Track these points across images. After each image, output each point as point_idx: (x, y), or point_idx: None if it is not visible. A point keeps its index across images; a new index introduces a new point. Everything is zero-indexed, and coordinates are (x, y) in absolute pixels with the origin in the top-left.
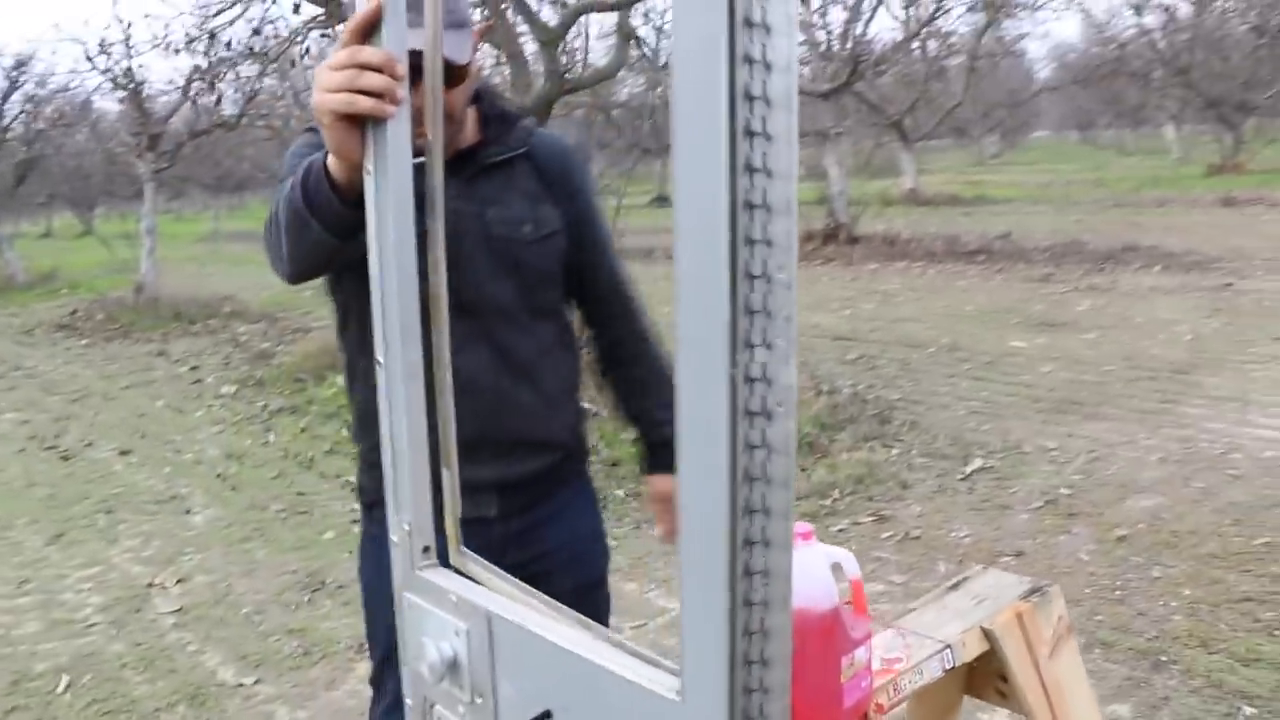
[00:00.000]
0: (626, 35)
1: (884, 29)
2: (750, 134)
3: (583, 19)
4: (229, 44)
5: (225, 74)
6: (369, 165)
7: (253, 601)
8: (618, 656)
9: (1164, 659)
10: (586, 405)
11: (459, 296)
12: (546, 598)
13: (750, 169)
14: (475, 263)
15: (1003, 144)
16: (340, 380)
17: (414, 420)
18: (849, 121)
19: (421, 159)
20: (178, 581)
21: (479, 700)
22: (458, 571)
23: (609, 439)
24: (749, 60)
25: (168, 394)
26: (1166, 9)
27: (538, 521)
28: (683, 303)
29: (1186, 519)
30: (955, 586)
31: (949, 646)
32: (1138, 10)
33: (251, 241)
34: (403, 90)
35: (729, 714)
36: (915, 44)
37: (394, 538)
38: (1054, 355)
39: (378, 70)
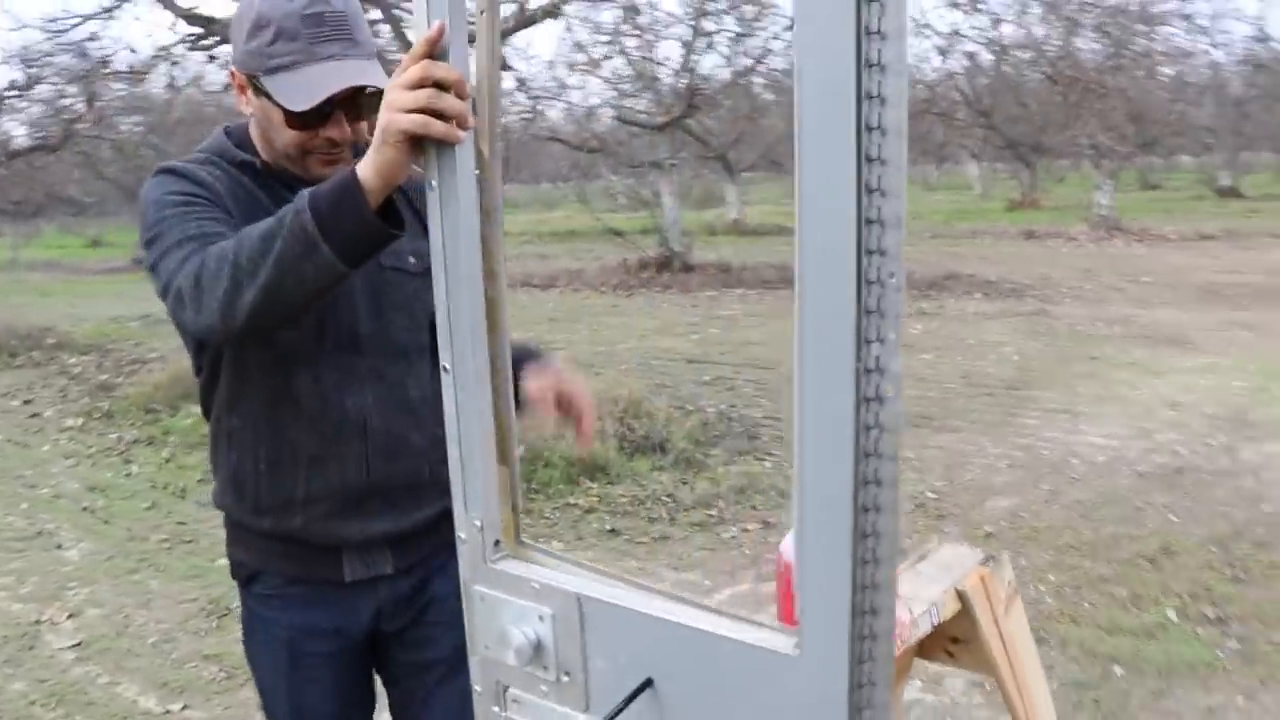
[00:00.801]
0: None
1: (714, 66)
2: (869, 159)
3: None
4: (106, 62)
5: (95, 89)
6: (433, 180)
7: (157, 631)
8: (723, 622)
9: (1042, 635)
10: None
11: (350, 333)
12: (627, 576)
13: (869, 189)
14: (365, 297)
15: None
16: (196, 410)
17: (484, 422)
18: (684, 153)
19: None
20: (68, 616)
21: (565, 678)
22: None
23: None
24: (869, 96)
25: (4, 428)
26: (970, 55)
27: (431, 573)
28: (809, 306)
29: (1041, 516)
30: (922, 558)
31: (935, 605)
32: (943, 55)
33: (54, 271)
34: (473, 115)
35: (849, 660)
36: (743, 79)
37: (462, 535)
38: None
39: (449, 89)
